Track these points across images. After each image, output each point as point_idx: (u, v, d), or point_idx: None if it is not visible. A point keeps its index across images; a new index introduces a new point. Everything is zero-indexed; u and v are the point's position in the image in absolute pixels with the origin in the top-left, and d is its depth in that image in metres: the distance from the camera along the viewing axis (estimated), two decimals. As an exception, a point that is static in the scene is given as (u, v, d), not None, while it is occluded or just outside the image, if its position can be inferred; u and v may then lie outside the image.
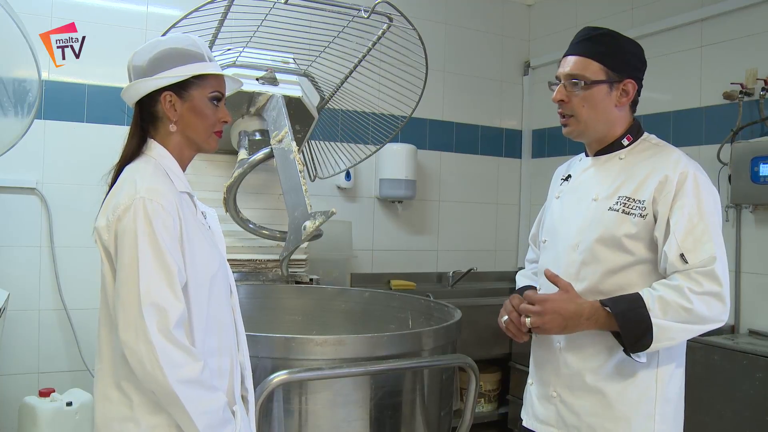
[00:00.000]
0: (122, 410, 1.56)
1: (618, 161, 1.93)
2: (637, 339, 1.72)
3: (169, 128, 1.67)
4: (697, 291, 1.71)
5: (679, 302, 1.71)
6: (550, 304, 1.78)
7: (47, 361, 3.68)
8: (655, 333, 1.70)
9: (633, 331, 1.72)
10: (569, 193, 2.03)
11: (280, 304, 3.27)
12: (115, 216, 1.54)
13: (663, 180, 1.81)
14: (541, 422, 1.98)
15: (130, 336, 1.46)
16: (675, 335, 1.73)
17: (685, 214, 1.76)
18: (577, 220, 1.93)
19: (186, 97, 1.66)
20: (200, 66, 1.66)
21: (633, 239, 1.82)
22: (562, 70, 1.92)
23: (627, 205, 1.84)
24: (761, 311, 3.48)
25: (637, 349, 1.74)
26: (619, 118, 1.93)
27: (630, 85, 1.88)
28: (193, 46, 1.67)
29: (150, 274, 1.48)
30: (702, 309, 1.71)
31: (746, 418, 3.02)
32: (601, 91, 1.87)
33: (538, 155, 5.21)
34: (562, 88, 1.92)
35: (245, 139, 3.20)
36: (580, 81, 1.87)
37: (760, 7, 3.57)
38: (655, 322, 1.70)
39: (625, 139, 1.94)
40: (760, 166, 3.35)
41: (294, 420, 2.14)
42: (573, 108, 1.90)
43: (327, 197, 4.42)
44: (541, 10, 5.24)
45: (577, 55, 1.90)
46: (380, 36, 3.21)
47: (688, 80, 3.93)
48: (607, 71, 1.86)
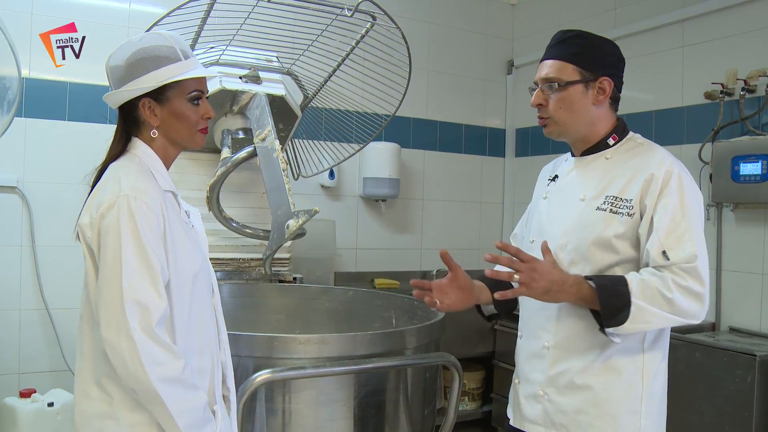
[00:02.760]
0: (102, 407, 1.55)
1: (604, 161, 1.94)
2: (614, 313, 1.73)
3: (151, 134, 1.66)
4: (680, 284, 1.73)
5: (660, 289, 1.73)
6: (539, 265, 1.76)
7: (28, 361, 3.64)
8: (632, 312, 1.72)
9: (611, 304, 1.73)
10: (556, 193, 2.04)
11: (264, 303, 3.27)
12: (99, 213, 1.53)
13: (648, 179, 1.82)
14: (528, 421, 1.99)
15: (112, 333, 1.45)
16: (651, 319, 1.74)
17: (668, 212, 1.78)
18: (565, 220, 1.94)
19: (164, 101, 1.64)
20: (174, 69, 1.63)
21: (621, 239, 1.83)
22: (538, 75, 1.95)
23: (615, 205, 1.85)
24: (741, 309, 3.52)
25: (612, 324, 1.75)
26: (600, 117, 1.93)
27: (606, 83, 1.89)
28: (166, 45, 1.65)
29: (133, 271, 1.48)
30: (681, 301, 1.73)
31: (727, 414, 3.05)
32: (576, 91, 1.88)
33: (521, 154, 5.23)
34: (540, 92, 1.94)
35: (228, 138, 3.19)
36: (554, 83, 1.90)
37: (740, 8, 3.60)
38: (633, 301, 1.72)
39: (610, 138, 1.95)
40: (740, 165, 3.39)
41: (277, 419, 2.14)
42: (550, 111, 1.92)
43: (310, 196, 4.42)
44: (524, 9, 5.26)
45: (551, 58, 1.93)
46: (364, 34, 3.21)
47: (670, 80, 3.96)
48: (581, 71, 1.88)
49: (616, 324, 1.74)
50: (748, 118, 3.48)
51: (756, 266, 3.47)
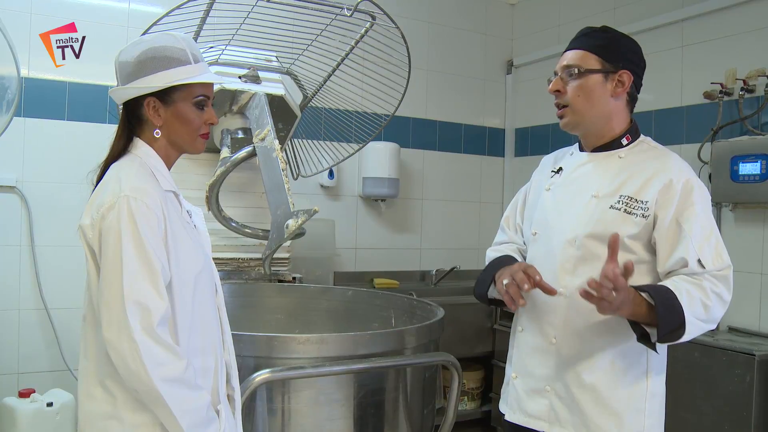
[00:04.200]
0: (106, 408, 1.55)
1: (618, 159, 1.94)
2: (672, 331, 1.72)
3: (154, 133, 1.66)
4: (715, 291, 1.76)
5: (702, 299, 1.74)
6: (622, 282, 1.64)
7: (27, 361, 3.64)
8: (687, 330, 1.72)
9: (670, 323, 1.71)
10: (563, 186, 2.02)
11: (263, 302, 3.27)
12: (100, 214, 1.53)
13: (668, 184, 1.83)
14: (530, 417, 1.98)
15: (114, 334, 1.46)
16: (694, 330, 1.75)
17: (698, 222, 1.80)
18: (575, 214, 1.93)
19: (170, 102, 1.64)
20: (183, 71, 1.63)
21: (634, 239, 1.84)
22: (559, 64, 1.95)
23: (629, 205, 1.85)
24: (740, 309, 3.52)
25: (665, 340, 1.74)
26: (617, 113, 1.93)
27: (626, 76, 1.89)
28: (177, 47, 1.65)
29: (133, 272, 1.47)
30: (715, 308, 1.76)
31: (726, 414, 3.06)
32: (596, 80, 1.89)
33: (520, 154, 5.23)
34: (558, 80, 1.95)
35: (228, 138, 3.19)
36: (574, 69, 1.90)
37: (739, 8, 3.60)
38: (688, 319, 1.71)
39: (624, 138, 1.95)
40: (739, 165, 3.39)
41: (277, 419, 2.14)
42: (568, 98, 1.92)
43: (310, 195, 4.42)
44: (524, 9, 5.26)
45: (573, 49, 1.94)
46: (363, 34, 3.21)
47: (669, 80, 3.96)
48: (602, 61, 1.89)
49: (669, 340, 1.75)
50: (747, 118, 3.49)
51: (755, 266, 3.48)
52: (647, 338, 1.77)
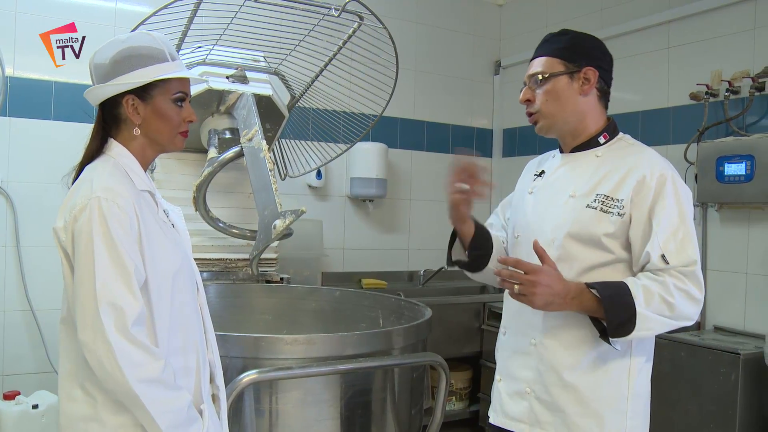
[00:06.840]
0: (86, 410, 1.54)
1: (595, 158, 1.95)
2: (620, 325, 1.74)
3: (133, 132, 1.65)
4: (680, 287, 1.76)
5: (662, 295, 1.74)
6: (541, 277, 1.73)
7: (12, 362, 3.61)
8: (638, 322, 1.73)
9: (618, 316, 1.73)
10: (543, 189, 2.04)
11: (251, 303, 3.26)
12: (72, 216, 1.52)
13: (641, 180, 1.83)
14: (512, 419, 1.98)
15: (89, 336, 1.45)
16: (653, 326, 1.76)
17: (666, 217, 1.79)
18: (553, 216, 1.94)
19: (148, 99, 1.64)
20: (161, 68, 1.63)
21: (611, 238, 1.84)
22: (526, 74, 2.00)
23: (605, 204, 1.85)
24: (726, 308, 3.55)
25: (617, 334, 1.75)
26: (589, 110, 1.95)
27: (590, 72, 1.91)
28: (154, 46, 1.64)
29: (106, 273, 1.47)
30: (681, 305, 1.76)
31: (711, 413, 3.08)
32: (561, 82, 1.91)
33: (508, 154, 5.24)
34: (527, 90, 1.99)
35: (215, 138, 3.18)
36: (539, 76, 1.93)
37: (724, 10, 3.63)
38: (639, 311, 1.73)
39: (601, 137, 1.96)
40: (724, 165, 3.41)
41: (265, 419, 2.14)
42: (538, 104, 1.95)
43: (297, 196, 4.41)
44: (511, 10, 5.27)
45: (537, 57, 1.98)
46: (351, 35, 3.21)
47: (655, 81, 3.99)
48: (564, 63, 1.92)
49: (621, 335, 1.75)
50: (732, 119, 3.51)
51: (740, 266, 3.50)
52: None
